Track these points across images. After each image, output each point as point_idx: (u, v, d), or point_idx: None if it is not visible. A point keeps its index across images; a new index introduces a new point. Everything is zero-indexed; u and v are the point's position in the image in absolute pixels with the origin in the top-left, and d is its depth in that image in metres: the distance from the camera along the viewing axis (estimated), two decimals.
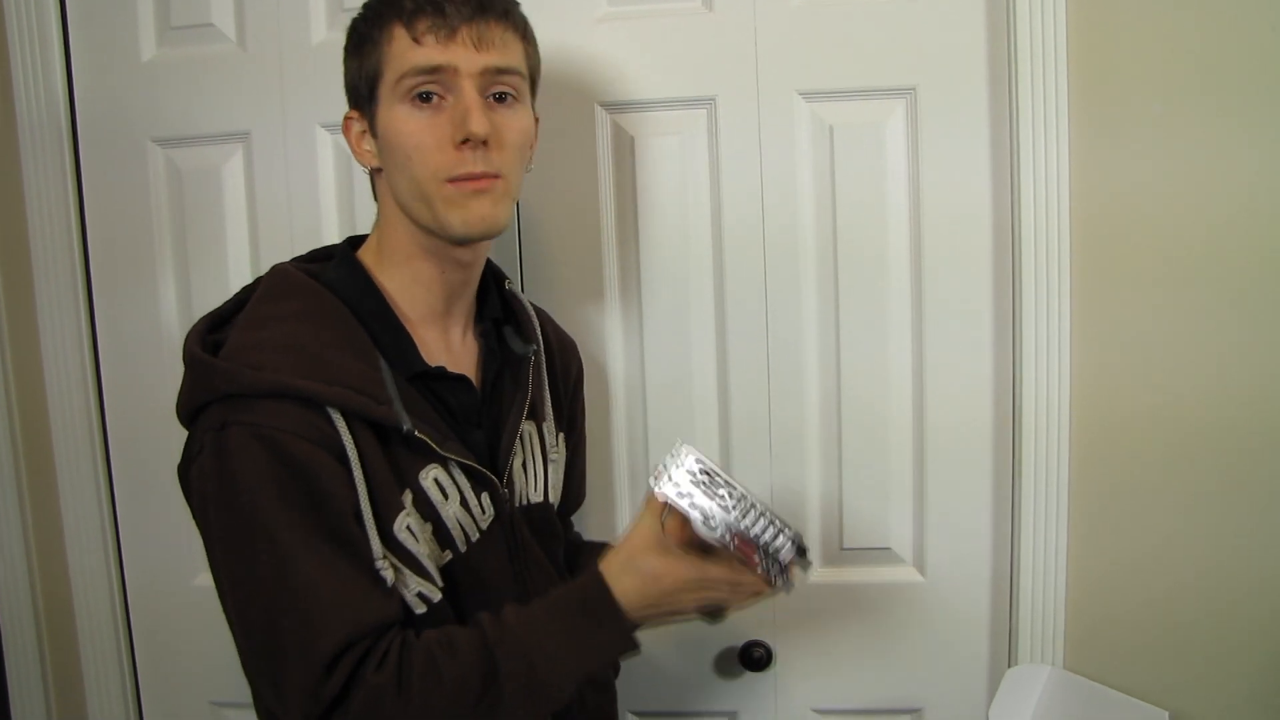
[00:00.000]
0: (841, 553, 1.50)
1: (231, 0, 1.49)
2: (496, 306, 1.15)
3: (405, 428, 0.96)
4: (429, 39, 0.97)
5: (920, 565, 1.48)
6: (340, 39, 1.43)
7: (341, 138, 1.45)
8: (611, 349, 1.50)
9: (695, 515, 0.93)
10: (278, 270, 1.06)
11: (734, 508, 0.94)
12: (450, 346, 1.09)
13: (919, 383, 1.45)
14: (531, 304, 1.24)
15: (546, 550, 1.15)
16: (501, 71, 1.00)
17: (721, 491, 0.94)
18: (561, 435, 1.21)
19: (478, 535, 1.04)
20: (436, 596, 1.00)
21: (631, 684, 1.53)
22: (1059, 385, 1.39)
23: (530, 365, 1.14)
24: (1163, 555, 1.40)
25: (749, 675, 1.52)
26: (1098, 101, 1.35)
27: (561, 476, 1.22)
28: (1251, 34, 1.32)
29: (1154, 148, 1.35)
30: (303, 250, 1.16)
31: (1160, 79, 1.34)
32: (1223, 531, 1.38)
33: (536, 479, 1.15)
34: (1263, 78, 1.32)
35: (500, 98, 1.01)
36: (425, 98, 0.98)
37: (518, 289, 1.19)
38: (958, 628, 1.48)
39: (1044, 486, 1.40)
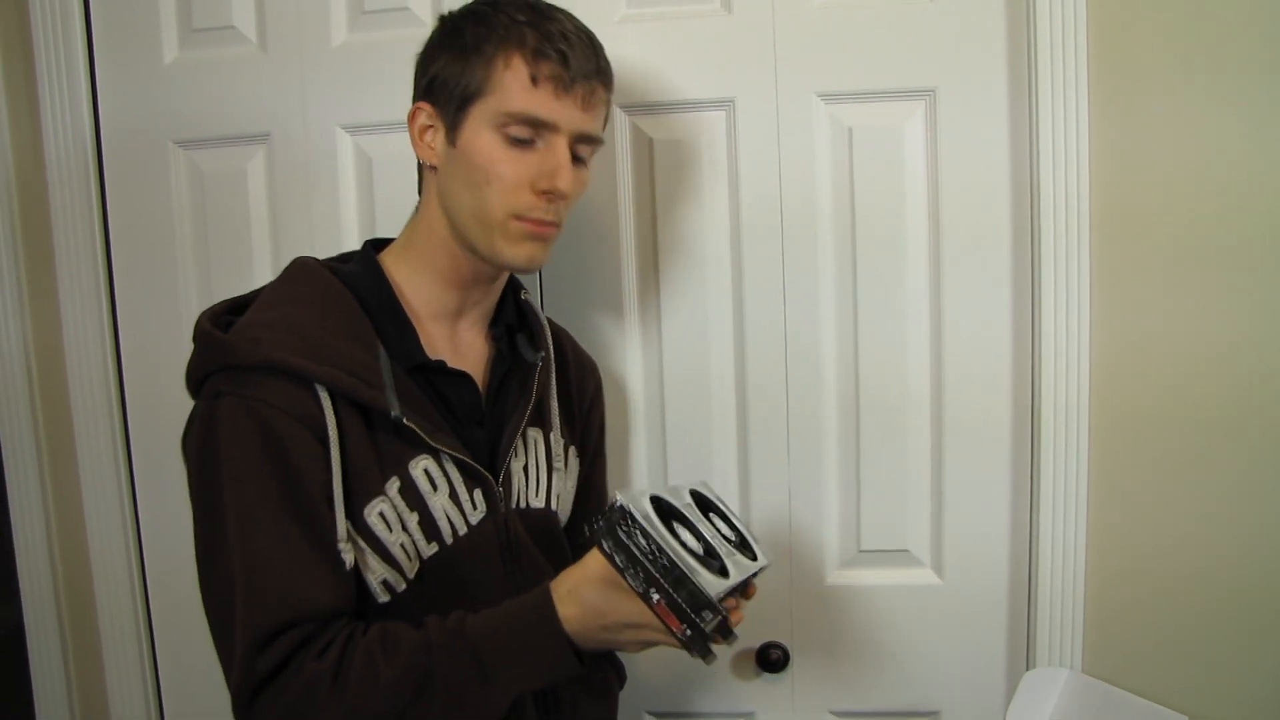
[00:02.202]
0: (859, 555, 1.49)
1: (252, 2, 1.50)
2: (511, 314, 1.18)
3: (394, 413, 0.98)
4: (546, 86, 1.00)
5: (938, 568, 1.48)
6: (361, 40, 1.47)
7: (361, 139, 1.49)
8: (630, 349, 1.50)
9: (621, 568, 0.91)
10: (298, 261, 1.10)
11: (660, 571, 0.90)
12: (458, 346, 1.11)
13: (937, 384, 1.45)
14: (551, 320, 1.26)
15: (547, 557, 1.15)
16: (591, 140, 1.05)
17: (652, 551, 0.90)
18: (573, 449, 1.22)
19: (465, 529, 1.05)
20: (401, 586, 1.01)
21: (648, 685, 1.54)
22: (1078, 381, 1.38)
23: (537, 372, 1.16)
24: (1182, 553, 1.39)
25: (766, 677, 1.52)
26: (1118, 92, 1.35)
27: (568, 487, 1.22)
28: (1269, 23, 1.31)
29: (1174, 137, 1.34)
30: (322, 250, 1.17)
31: (1180, 67, 1.34)
32: (1243, 526, 1.37)
33: (539, 484, 1.16)
34: None
35: (578, 158, 1.05)
36: (518, 140, 1.01)
37: (534, 300, 1.22)
38: (975, 631, 1.48)
39: (1062, 485, 1.40)
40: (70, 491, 1.61)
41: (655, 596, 0.90)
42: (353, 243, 1.48)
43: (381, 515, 1.00)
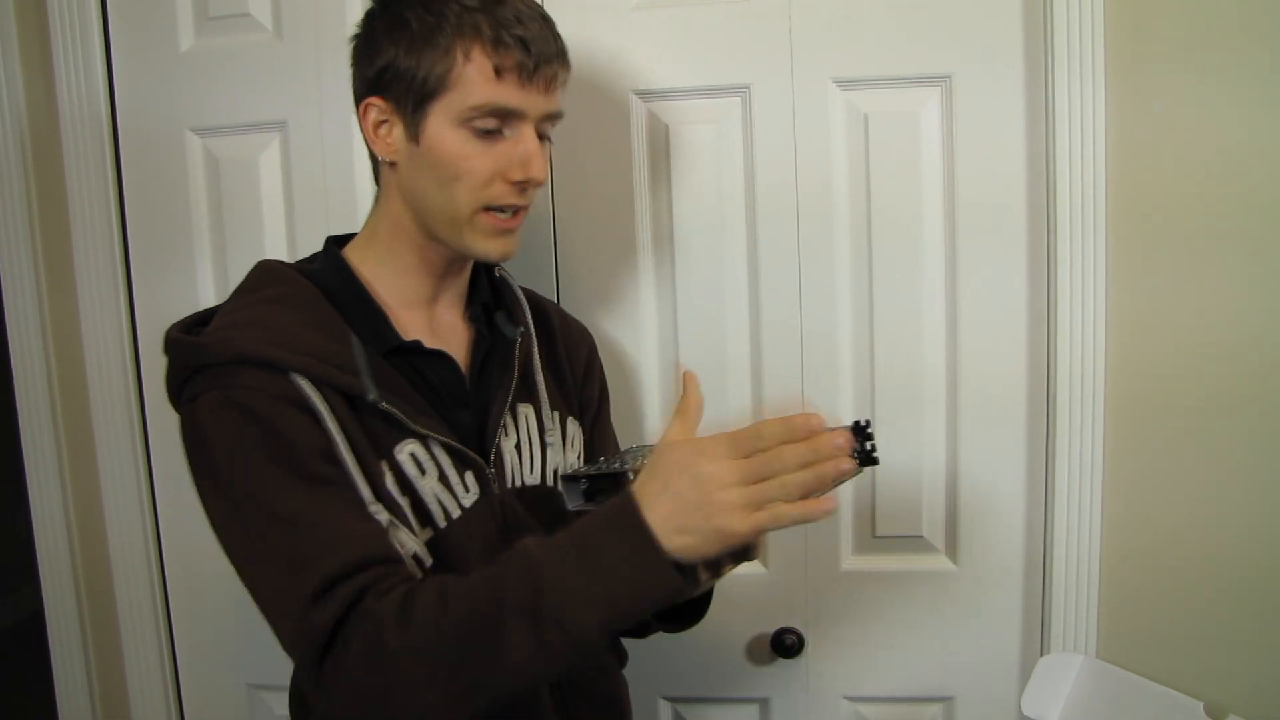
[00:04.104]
0: (874, 540, 1.50)
1: None
2: (486, 292, 1.16)
3: (370, 397, 0.98)
4: (510, 77, 0.98)
5: (952, 554, 1.48)
6: None
7: None
8: (646, 336, 1.50)
9: None
10: (261, 264, 1.09)
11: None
12: (436, 329, 1.11)
13: (952, 371, 1.45)
14: (534, 293, 1.24)
15: (550, 534, 1.14)
16: (554, 117, 1.04)
17: None
18: (571, 420, 1.21)
19: (459, 512, 1.04)
20: (429, 561, 1.00)
21: (664, 670, 1.55)
22: (1094, 367, 1.38)
23: (518, 347, 1.15)
24: (1197, 536, 1.39)
25: (781, 662, 1.53)
26: (1134, 74, 1.35)
27: (568, 460, 1.20)
28: None
29: (1192, 119, 1.34)
30: None
31: (1198, 49, 1.33)
32: (1258, 509, 1.37)
33: (533, 461, 1.15)
34: None
35: (541, 136, 1.04)
36: (485, 132, 1.00)
37: (509, 275, 1.20)
38: (990, 616, 1.48)
39: (1077, 470, 1.40)
40: (88, 477, 1.63)
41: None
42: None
43: (390, 489, 0.99)
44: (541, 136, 1.04)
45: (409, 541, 0.98)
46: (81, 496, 1.64)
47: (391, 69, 1.00)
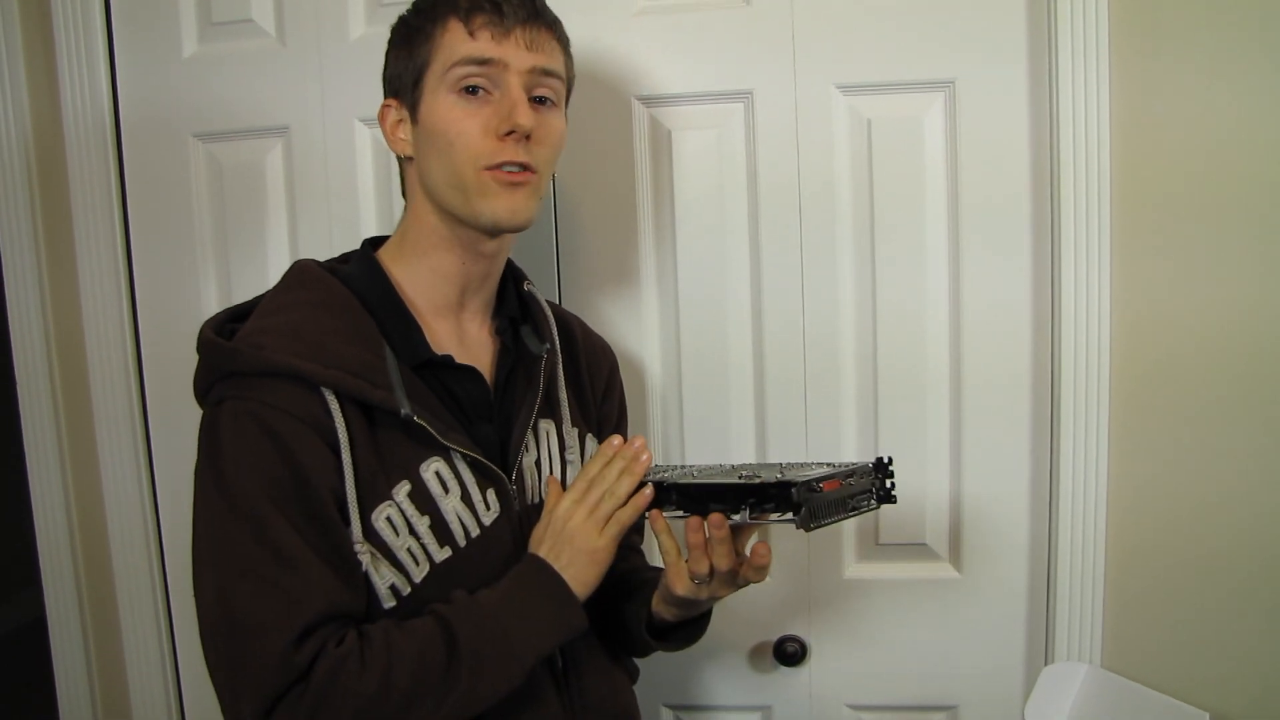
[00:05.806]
0: (877, 548, 1.49)
1: None
2: (514, 305, 1.16)
3: (404, 412, 0.98)
4: (483, 34, 1.01)
5: (956, 561, 1.47)
6: (379, 33, 1.46)
7: (379, 132, 1.47)
8: (647, 340, 1.50)
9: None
10: (297, 264, 1.10)
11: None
12: (464, 340, 1.11)
13: (956, 376, 1.44)
14: (561, 308, 1.24)
15: None
16: (547, 73, 1.04)
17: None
18: (589, 437, 1.21)
19: (479, 531, 1.04)
20: (407, 590, 1.00)
21: (666, 678, 1.54)
22: (1098, 374, 1.37)
23: (543, 364, 1.14)
24: (1205, 537, 1.38)
25: (783, 670, 1.52)
26: (1138, 73, 1.34)
27: None
28: None
29: (1196, 110, 1.34)
30: (341, 242, 1.17)
31: (1202, 42, 1.33)
32: (1265, 504, 1.36)
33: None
34: None
35: (541, 100, 1.04)
36: (472, 90, 1.01)
37: (536, 290, 1.20)
38: (993, 625, 1.47)
39: (1081, 478, 1.39)
40: (90, 481, 1.63)
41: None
42: (369, 233, 1.49)
43: (389, 520, 0.99)
44: (541, 99, 1.04)
45: (388, 573, 0.99)
46: (83, 499, 1.64)
47: (394, 70, 1.07)
